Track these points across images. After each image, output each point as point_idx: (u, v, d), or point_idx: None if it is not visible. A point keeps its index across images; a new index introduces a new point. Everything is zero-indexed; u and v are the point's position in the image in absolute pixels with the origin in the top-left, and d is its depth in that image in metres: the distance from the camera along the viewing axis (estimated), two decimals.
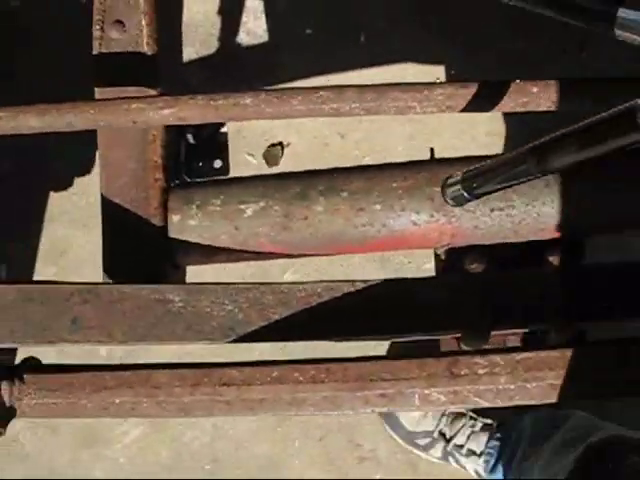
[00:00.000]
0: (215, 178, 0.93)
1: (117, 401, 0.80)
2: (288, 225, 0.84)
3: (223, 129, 0.99)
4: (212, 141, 0.98)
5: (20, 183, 1.45)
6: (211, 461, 1.44)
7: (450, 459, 1.41)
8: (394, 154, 1.48)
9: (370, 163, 0.90)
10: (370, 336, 0.84)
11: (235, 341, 0.80)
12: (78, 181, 1.52)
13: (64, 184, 1.51)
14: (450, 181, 0.77)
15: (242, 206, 0.84)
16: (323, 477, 1.42)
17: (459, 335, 0.88)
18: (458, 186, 0.75)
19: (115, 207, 0.89)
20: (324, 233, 0.85)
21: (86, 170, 1.50)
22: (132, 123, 0.80)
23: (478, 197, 0.75)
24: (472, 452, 1.41)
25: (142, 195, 0.88)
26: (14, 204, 1.44)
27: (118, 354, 1.42)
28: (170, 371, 0.79)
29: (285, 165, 1.47)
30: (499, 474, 1.36)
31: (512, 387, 0.75)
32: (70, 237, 1.52)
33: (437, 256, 0.90)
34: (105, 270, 0.88)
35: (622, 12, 0.40)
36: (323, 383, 0.76)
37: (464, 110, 0.79)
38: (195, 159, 0.97)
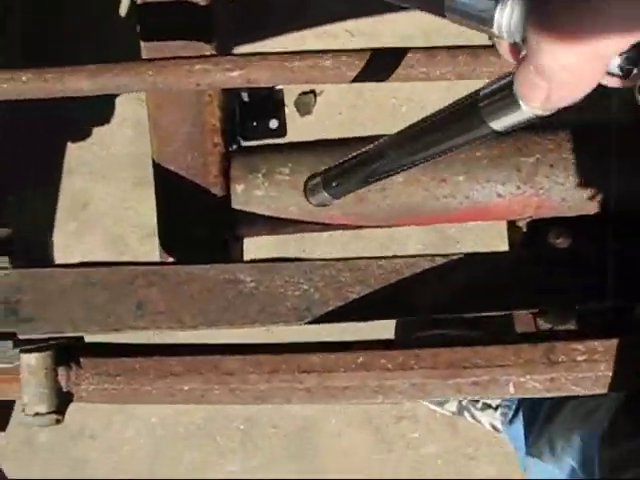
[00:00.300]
0: (276, 142, 0.86)
1: (185, 388, 0.75)
2: (364, 196, 0.78)
3: (278, 86, 0.90)
4: (267, 99, 0.90)
5: (38, 133, 1.35)
6: (245, 420, 1.41)
7: (465, 414, 1.38)
8: (430, 103, 1.40)
9: (407, 112, 0.82)
10: (452, 313, 0.78)
11: (311, 322, 0.74)
12: (98, 131, 1.43)
13: (83, 134, 1.42)
14: (311, 183, 0.70)
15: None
16: (360, 436, 1.39)
17: (536, 312, 0.83)
18: (320, 187, 0.69)
19: (169, 174, 0.82)
20: (402, 205, 0.79)
21: (106, 120, 1.41)
22: (195, 86, 0.72)
23: (339, 196, 0.69)
24: (487, 405, 1.38)
25: (200, 162, 0.81)
26: (32, 155, 1.36)
27: None
28: (243, 357, 0.74)
29: (318, 114, 1.38)
30: (519, 425, 1.34)
31: (611, 374, 0.70)
32: (90, 190, 1.44)
33: (515, 228, 0.84)
34: (161, 243, 0.81)
35: None
36: (412, 370, 0.71)
37: None
38: (250, 119, 0.89)
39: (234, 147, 0.85)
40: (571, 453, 1.01)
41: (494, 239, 1.38)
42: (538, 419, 1.25)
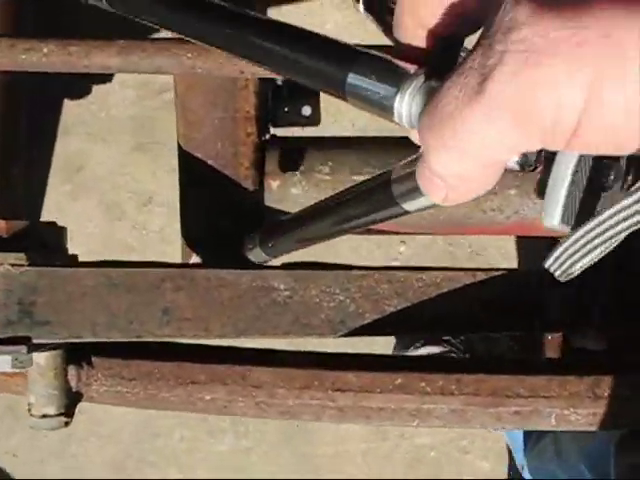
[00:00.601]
0: (315, 136, 0.80)
1: (207, 397, 0.70)
2: None
3: None
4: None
5: (32, 88, 1.26)
6: None
7: None
8: None
9: None
10: (489, 331, 0.74)
11: (345, 335, 0.70)
12: (98, 90, 1.34)
13: (82, 92, 1.33)
14: (248, 241, 0.68)
15: (356, 177, 0.72)
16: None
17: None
18: (257, 245, 0.68)
19: (195, 162, 0.76)
20: (447, 215, 0.74)
21: (107, 78, 1.32)
22: (239, 73, 0.65)
23: (276, 256, 0.69)
24: None
25: (230, 151, 0.75)
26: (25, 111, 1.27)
27: None
28: (273, 369, 0.69)
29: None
30: None
31: None
32: (87, 152, 1.36)
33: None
34: (184, 236, 0.76)
35: (352, 78, 0.33)
36: (453, 395, 0.67)
37: None
38: (281, 104, 0.82)
39: (266, 135, 0.78)
40: (581, 455, 0.99)
41: (509, 240, 1.34)
42: None
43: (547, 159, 0.31)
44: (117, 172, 1.36)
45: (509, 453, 1.31)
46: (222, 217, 0.75)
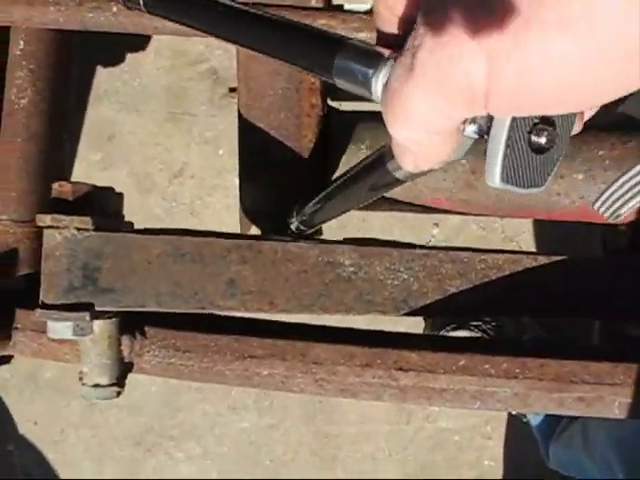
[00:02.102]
0: (375, 110, 0.78)
1: (265, 373, 0.69)
2: (474, 183, 0.72)
3: None
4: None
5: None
6: None
7: None
8: None
9: None
10: (548, 316, 0.73)
11: (407, 314, 0.68)
12: (131, 58, 1.32)
13: (115, 59, 1.31)
14: (290, 218, 0.71)
15: None
16: (378, 404, 1.36)
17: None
18: (295, 222, 0.71)
19: (257, 134, 0.74)
20: (512, 197, 0.73)
21: (142, 47, 1.30)
22: None
23: (309, 229, 0.71)
24: None
25: (294, 123, 0.73)
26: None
27: None
28: (334, 346, 0.68)
29: None
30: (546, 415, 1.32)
31: None
32: (118, 120, 1.34)
33: (619, 233, 0.79)
34: (243, 209, 0.74)
35: (338, 62, 0.38)
36: (516, 379, 0.66)
37: None
38: None
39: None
40: (609, 445, 0.99)
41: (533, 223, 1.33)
42: None
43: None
44: (149, 142, 1.33)
45: (532, 440, 1.31)
46: (283, 190, 0.74)
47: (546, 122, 0.35)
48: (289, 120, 0.73)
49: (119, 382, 0.71)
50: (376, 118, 0.75)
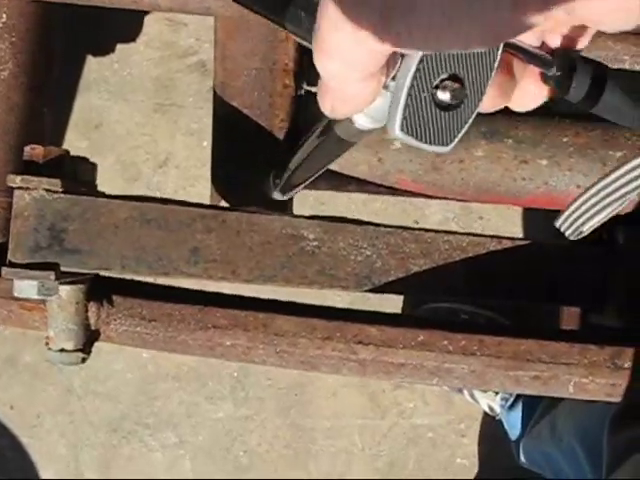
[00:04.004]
0: None
1: (228, 343, 0.70)
2: (440, 166, 0.73)
3: None
4: None
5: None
6: (239, 368, 1.37)
7: (465, 391, 1.37)
8: None
9: None
10: (508, 299, 0.74)
11: (369, 291, 0.70)
12: (121, 49, 1.34)
13: (105, 50, 1.33)
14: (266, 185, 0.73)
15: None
16: (354, 399, 1.37)
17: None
18: (272, 186, 0.72)
19: (231, 110, 0.75)
20: (477, 180, 0.74)
21: (132, 37, 1.32)
22: None
23: (284, 193, 0.72)
24: None
25: (266, 102, 0.75)
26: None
27: None
28: (296, 319, 0.69)
29: None
30: (518, 412, 1.33)
31: None
32: (106, 109, 1.35)
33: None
34: (213, 183, 0.76)
35: (292, 8, 0.40)
36: (474, 356, 0.68)
37: None
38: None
39: (301, 91, 0.78)
40: (575, 435, 1.00)
41: (517, 218, 1.35)
42: (540, 404, 1.24)
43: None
44: (135, 132, 1.35)
45: (506, 439, 1.32)
46: (252, 167, 0.75)
47: (453, 79, 0.36)
48: (262, 99, 0.75)
49: (84, 348, 0.72)
50: None
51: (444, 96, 0.36)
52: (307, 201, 1.33)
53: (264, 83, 0.75)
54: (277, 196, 0.72)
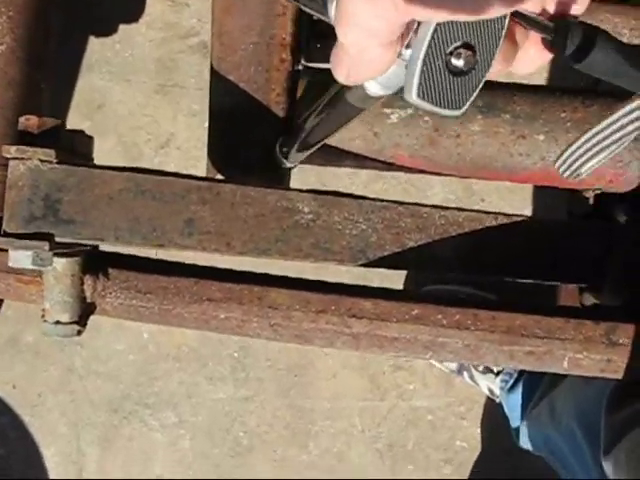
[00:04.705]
0: None
1: (222, 316, 0.70)
2: (436, 140, 0.73)
3: None
4: None
5: (58, 22, 1.26)
6: (240, 349, 1.37)
7: (465, 374, 1.37)
8: None
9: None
10: (504, 275, 0.74)
11: (363, 265, 0.70)
12: (123, 29, 1.34)
13: (107, 30, 1.33)
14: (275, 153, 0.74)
15: (387, 110, 0.72)
16: (354, 381, 1.37)
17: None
18: (278, 153, 0.73)
19: (227, 85, 0.75)
20: (474, 156, 0.74)
21: (134, 18, 1.32)
22: None
23: (294, 162, 0.74)
24: (489, 370, 1.37)
25: (263, 76, 0.75)
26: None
27: None
28: (290, 292, 0.69)
29: None
30: (517, 394, 1.33)
31: None
32: (108, 90, 1.35)
33: (581, 199, 0.80)
34: (210, 157, 0.76)
35: None
36: (468, 330, 0.68)
37: None
38: (315, 39, 0.82)
39: (299, 66, 0.78)
40: (573, 416, 1.00)
41: (519, 201, 1.34)
42: (540, 386, 1.24)
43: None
44: (137, 112, 1.35)
45: (505, 422, 1.32)
46: (249, 141, 0.75)
47: (466, 47, 0.38)
48: (259, 74, 0.75)
49: (80, 321, 0.72)
50: None
51: (458, 62, 0.38)
52: (308, 182, 1.33)
53: (261, 57, 0.75)
54: (283, 163, 0.73)
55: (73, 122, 1.34)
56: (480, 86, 0.40)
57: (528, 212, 1.36)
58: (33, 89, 0.82)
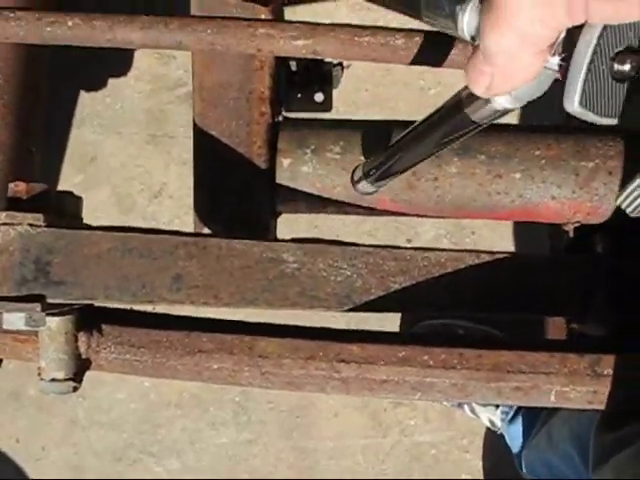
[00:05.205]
0: (324, 117, 0.82)
1: (214, 367, 0.72)
2: (415, 184, 0.75)
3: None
4: (315, 70, 0.85)
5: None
6: (241, 392, 1.38)
7: (465, 407, 1.37)
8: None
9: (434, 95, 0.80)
10: (490, 312, 0.76)
11: (350, 310, 0.71)
12: (113, 83, 1.37)
13: (97, 85, 1.36)
14: (356, 178, 0.72)
15: (368, 159, 0.74)
16: (355, 419, 1.38)
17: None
18: (363, 181, 0.71)
19: (210, 140, 0.78)
20: (453, 197, 0.76)
21: (123, 72, 1.35)
22: (257, 51, 0.68)
23: (381, 185, 0.72)
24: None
25: (244, 130, 0.77)
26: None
27: None
28: (279, 340, 0.71)
29: (345, 88, 1.34)
30: (518, 425, 1.34)
31: None
32: (100, 143, 1.39)
33: (561, 233, 0.82)
34: (196, 211, 0.78)
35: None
36: (455, 369, 0.69)
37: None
38: (295, 89, 0.85)
39: (279, 118, 0.81)
40: (569, 440, 1.01)
41: (510, 233, 1.36)
42: (540, 417, 1.25)
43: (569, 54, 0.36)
44: (130, 164, 1.38)
45: (508, 453, 1.32)
46: (234, 193, 0.77)
47: (630, 50, 0.37)
48: (240, 128, 0.77)
49: (76, 377, 0.73)
50: (321, 126, 0.79)
51: (623, 67, 0.36)
52: (299, 225, 1.35)
53: (241, 112, 0.77)
54: (367, 188, 0.71)
55: (66, 175, 1.36)
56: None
57: (519, 242, 1.37)
58: (23, 153, 0.85)
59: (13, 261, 0.64)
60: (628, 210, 0.63)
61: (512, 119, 1.16)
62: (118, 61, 1.36)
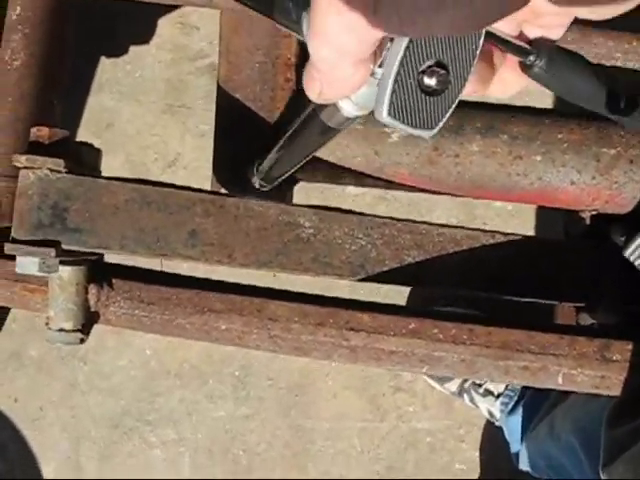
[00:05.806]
0: None
1: (223, 327, 0.72)
2: (436, 160, 0.74)
3: None
4: None
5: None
6: (241, 368, 1.38)
7: (465, 396, 1.37)
8: None
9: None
10: (499, 293, 0.75)
11: (362, 280, 0.71)
12: (134, 51, 1.37)
13: (118, 51, 1.36)
14: (250, 172, 0.74)
15: (388, 129, 0.74)
16: (354, 402, 1.38)
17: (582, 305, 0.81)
18: (255, 176, 0.73)
19: (233, 102, 0.77)
20: (472, 175, 0.75)
21: (145, 40, 1.35)
22: None
23: (268, 183, 0.73)
24: (489, 392, 1.37)
25: (268, 95, 0.77)
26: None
27: None
28: (290, 304, 0.70)
29: None
30: (517, 417, 1.34)
31: None
32: (118, 110, 1.38)
33: (577, 220, 0.82)
34: (215, 173, 0.77)
35: (280, 0, 0.42)
36: (464, 345, 0.69)
37: None
38: None
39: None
40: (572, 432, 1.01)
41: (521, 224, 1.36)
42: (541, 409, 1.24)
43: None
44: (145, 132, 1.38)
45: (504, 445, 1.32)
46: (253, 156, 0.77)
47: (439, 65, 0.37)
48: (264, 92, 0.77)
49: (83, 329, 0.73)
50: None
51: (430, 81, 0.37)
52: (312, 203, 1.34)
53: (266, 77, 0.77)
54: (259, 185, 0.73)
55: (82, 139, 1.36)
56: (453, 106, 0.38)
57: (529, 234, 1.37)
58: (45, 104, 0.85)
59: (31, 205, 0.64)
60: (637, 263, 0.63)
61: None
62: (141, 29, 1.35)
